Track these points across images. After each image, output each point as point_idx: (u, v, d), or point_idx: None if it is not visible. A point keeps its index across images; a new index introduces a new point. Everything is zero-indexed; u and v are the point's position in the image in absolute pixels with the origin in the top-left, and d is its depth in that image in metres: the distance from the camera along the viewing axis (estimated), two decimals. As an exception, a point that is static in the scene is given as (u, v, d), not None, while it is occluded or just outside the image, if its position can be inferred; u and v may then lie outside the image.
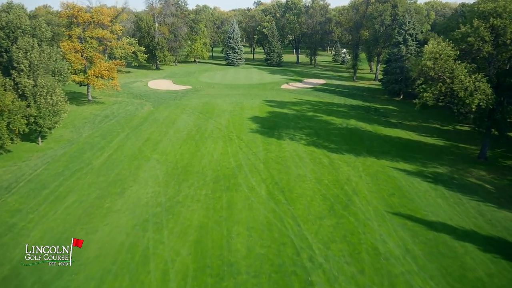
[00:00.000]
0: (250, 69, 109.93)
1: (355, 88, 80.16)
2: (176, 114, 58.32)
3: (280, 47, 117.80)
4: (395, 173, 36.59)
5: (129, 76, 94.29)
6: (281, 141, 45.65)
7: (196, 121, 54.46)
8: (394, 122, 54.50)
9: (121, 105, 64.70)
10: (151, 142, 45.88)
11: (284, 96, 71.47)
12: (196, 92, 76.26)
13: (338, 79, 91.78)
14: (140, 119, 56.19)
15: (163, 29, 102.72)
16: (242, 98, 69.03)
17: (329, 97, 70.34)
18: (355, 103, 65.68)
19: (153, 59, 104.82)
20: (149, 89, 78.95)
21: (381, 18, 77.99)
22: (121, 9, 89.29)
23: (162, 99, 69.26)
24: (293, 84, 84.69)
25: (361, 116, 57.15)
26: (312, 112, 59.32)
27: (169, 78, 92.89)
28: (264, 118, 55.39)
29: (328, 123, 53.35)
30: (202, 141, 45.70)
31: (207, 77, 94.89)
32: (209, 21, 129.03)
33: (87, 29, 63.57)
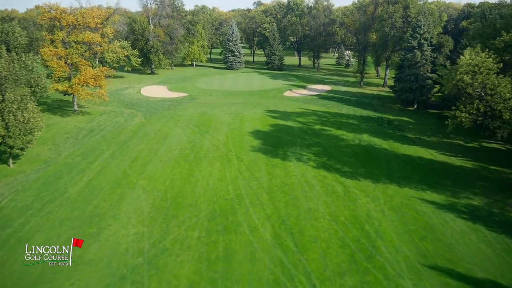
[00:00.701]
0: (251, 73, 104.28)
1: (363, 95, 74.52)
2: (169, 127, 52.66)
3: (282, 50, 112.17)
4: (423, 207, 30.95)
5: (122, 82, 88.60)
6: (287, 162, 39.99)
7: (191, 136, 48.79)
8: (411, 137, 48.85)
9: (110, 116, 59.00)
10: (139, 163, 40.23)
11: (287, 105, 65.80)
12: (192, 100, 70.58)
13: (344, 85, 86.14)
14: (129, 134, 50.55)
15: (158, 31, 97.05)
16: (242, 108, 63.38)
17: (336, 107, 64.67)
18: (366, 114, 60.02)
19: (148, 63, 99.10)
20: (142, 97, 73.24)
21: (392, 20, 72.35)
22: (112, 10, 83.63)
23: (155, 109, 63.58)
24: (297, 91, 79.03)
25: (374, 130, 51.50)
26: (319, 125, 53.66)
27: (164, 84, 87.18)
28: (266, 133, 49.74)
29: (339, 138, 47.69)
30: (197, 163, 40.04)
31: (205, 82, 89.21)
32: (207, 23, 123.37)
33: (72, 33, 57.77)
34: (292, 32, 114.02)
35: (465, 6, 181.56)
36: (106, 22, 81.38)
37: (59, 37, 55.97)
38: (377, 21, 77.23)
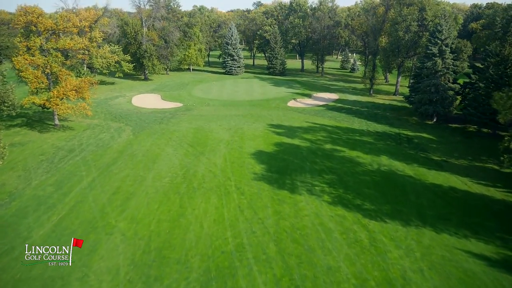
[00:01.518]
0: (251, 79, 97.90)
1: (374, 105, 68.20)
2: (159, 147, 46.27)
3: (284, 54, 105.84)
4: (471, 264, 24.65)
5: (112, 89, 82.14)
6: (296, 195, 33.64)
7: (184, 159, 42.39)
8: (437, 160, 42.54)
9: (94, 132, 52.59)
10: (121, 196, 33.86)
11: (292, 118, 59.43)
12: (187, 111, 64.18)
13: (352, 93, 79.85)
14: (114, 154, 44.19)
15: (152, 34, 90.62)
16: (242, 121, 57.01)
17: (347, 120, 58.33)
18: (381, 129, 53.70)
19: (141, 69, 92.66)
20: (132, 108, 66.79)
21: (406, 23, 66.02)
22: (101, 11, 77.20)
23: (145, 122, 57.18)
24: (302, 100, 72.67)
25: (393, 150, 45.17)
26: (330, 143, 47.30)
27: (158, 91, 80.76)
28: (270, 155, 43.36)
29: (354, 162, 41.34)
30: (189, 196, 33.67)
31: (202, 90, 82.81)
32: (205, 25, 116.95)
33: (51, 39, 51.32)
34: (295, 34, 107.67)
35: (472, 7, 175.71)
36: (94, 25, 75.18)
37: (36, 43, 49.46)
38: (389, 24, 70.90)
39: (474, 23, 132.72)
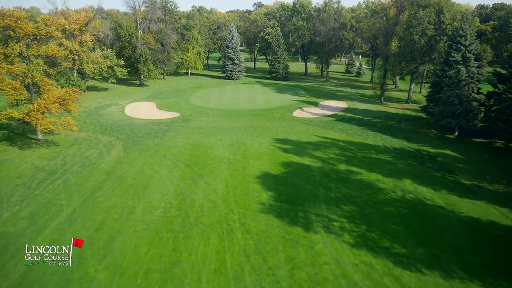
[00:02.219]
0: (253, 85, 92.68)
1: (387, 115, 63.05)
2: (152, 167, 41.04)
3: (287, 58, 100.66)
4: None
5: (105, 96, 76.85)
6: (312, 234, 28.46)
7: (180, 183, 37.16)
8: (468, 184, 37.40)
9: (81, 148, 47.33)
10: (104, 235, 28.65)
11: (299, 131, 54.23)
12: (185, 123, 58.94)
13: (361, 101, 74.72)
14: (100, 177, 38.98)
15: (147, 37, 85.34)
16: (245, 135, 51.82)
17: (359, 133, 53.15)
18: (398, 145, 48.54)
19: (136, 74, 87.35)
20: (125, 118, 61.52)
21: (422, 26, 60.82)
22: (92, 13, 71.94)
23: (138, 136, 51.95)
24: (308, 109, 67.50)
25: (416, 172, 40.01)
26: (344, 163, 42.09)
27: (153, 99, 75.52)
28: (278, 178, 38.14)
29: (374, 188, 36.15)
30: (185, 235, 28.46)
31: (200, 97, 77.58)
32: (204, 26, 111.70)
33: (32, 45, 46.07)
34: (298, 37, 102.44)
35: (478, 7, 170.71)
36: (85, 28, 70.12)
37: (15, 50, 44.18)
38: (402, 27, 65.73)
39: (483, 25, 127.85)
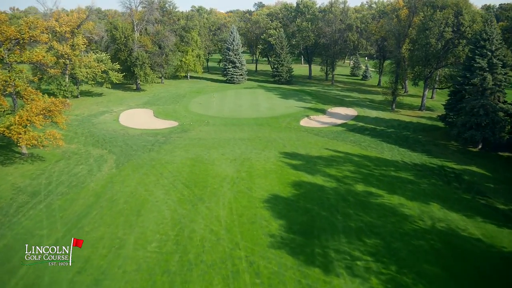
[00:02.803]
0: (255, 89, 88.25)
1: (401, 125, 58.70)
2: (147, 188, 36.62)
3: (290, 61, 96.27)
4: None
5: (99, 103, 72.39)
6: (333, 278, 24.06)
7: (178, 208, 32.77)
8: (504, 209, 33.07)
9: (69, 164, 42.93)
10: (88, 278, 24.28)
11: (309, 143, 49.83)
12: (184, 133, 54.54)
13: (371, 107, 70.38)
14: (89, 200, 34.60)
15: (144, 39, 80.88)
16: (249, 148, 47.43)
17: (374, 146, 48.77)
18: (418, 159, 44.18)
19: (133, 78, 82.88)
20: (119, 128, 57.05)
21: (439, 29, 56.45)
22: (84, 14, 67.57)
23: (133, 149, 47.56)
24: (316, 117, 63.11)
25: (442, 194, 35.64)
26: (361, 183, 37.71)
27: (150, 105, 71.08)
28: (288, 202, 33.76)
29: (399, 215, 31.77)
30: (183, 279, 24.10)
31: (200, 103, 73.17)
32: (204, 28, 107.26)
33: (14, 50, 41.63)
34: (302, 39, 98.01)
35: (484, 8, 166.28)
36: (77, 30, 65.72)
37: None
38: (419, 30, 61.38)
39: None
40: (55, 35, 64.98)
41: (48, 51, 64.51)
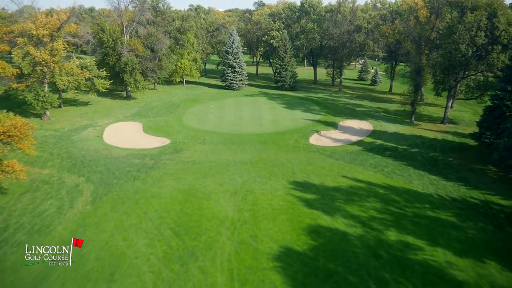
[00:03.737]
0: (256, 97, 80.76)
1: (425, 142, 51.39)
2: (126, 237, 29.24)
3: (295, 65, 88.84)
4: None
5: (83, 114, 64.86)
6: None
7: (162, 271, 25.39)
8: None
9: (36, 198, 35.47)
10: None
11: (322, 168, 42.45)
12: (176, 154, 47.10)
13: (386, 119, 63.14)
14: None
15: (135, 43, 73.29)
16: (252, 175, 40.09)
17: (400, 172, 41.41)
18: (455, 192, 36.85)
19: (123, 84, 75.35)
20: (102, 147, 49.57)
21: (470, 33, 49.07)
22: (65, 15, 60.06)
23: (115, 176, 40.19)
24: (327, 133, 55.72)
25: (497, 246, 28.38)
26: (393, 227, 30.37)
27: (140, 117, 63.55)
28: (305, 260, 26.38)
29: (449, 281, 24.53)
30: None
31: (196, 115, 65.72)
32: (201, 29, 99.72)
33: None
34: (308, 41, 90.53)
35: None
36: (57, 33, 58.25)
37: None
38: (444, 34, 54.05)
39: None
40: (31, 39, 57.39)
41: (24, 57, 57.36)
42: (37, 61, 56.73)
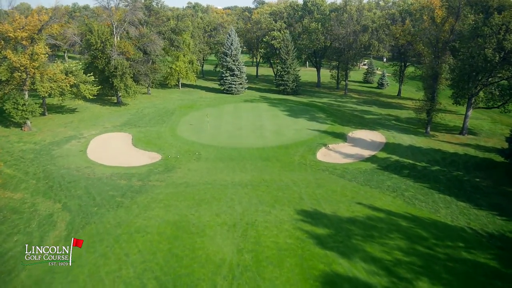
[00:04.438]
0: (257, 103, 75.40)
1: (446, 158, 46.22)
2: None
3: (298, 68, 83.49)
4: None
5: (68, 123, 59.46)
6: None
7: None
8: None
9: (1, 232, 30.08)
10: None
11: (333, 192, 37.18)
12: (167, 173, 41.81)
13: (399, 129, 57.99)
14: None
15: (125, 45, 67.78)
16: (253, 202, 34.86)
17: (423, 198, 36.16)
18: (491, 225, 31.67)
19: (112, 90, 69.94)
20: (84, 165, 44.21)
21: (498, 37, 43.75)
22: (47, 15, 54.58)
23: (95, 203, 34.91)
24: (335, 146, 50.52)
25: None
26: (425, 276, 25.21)
27: (130, 127, 58.19)
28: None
29: None
30: None
31: (191, 124, 60.45)
32: (198, 29, 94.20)
33: None
34: (311, 42, 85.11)
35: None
36: (37, 35, 52.85)
37: None
38: (466, 37, 48.75)
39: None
40: (8, 42, 51.99)
41: (1, 62, 52.07)
42: (15, 67, 51.41)
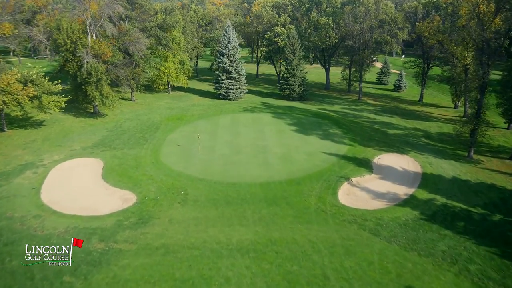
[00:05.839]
0: (259, 113, 64.30)
1: (505, 198, 35.58)
2: None
3: (305, 71, 72.42)
4: None
5: (28, 143, 48.63)
6: None
7: None
8: None
9: None
10: None
11: (370, 264, 26.67)
12: (140, 229, 31.08)
13: (433, 151, 47.50)
14: None
15: (101, 45, 56.45)
16: (258, 285, 24.07)
17: (498, 277, 25.64)
18: None
19: (86, 100, 58.82)
20: (34, 212, 33.38)
21: None
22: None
23: (32, 284, 24.01)
24: (360, 180, 39.71)
25: None
26: None
27: (104, 149, 47.25)
28: None
29: None
30: None
31: (179, 145, 49.49)
32: (190, 23, 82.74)
33: None
34: (320, 39, 73.89)
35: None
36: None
37: None
38: None
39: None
40: None
41: None
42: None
